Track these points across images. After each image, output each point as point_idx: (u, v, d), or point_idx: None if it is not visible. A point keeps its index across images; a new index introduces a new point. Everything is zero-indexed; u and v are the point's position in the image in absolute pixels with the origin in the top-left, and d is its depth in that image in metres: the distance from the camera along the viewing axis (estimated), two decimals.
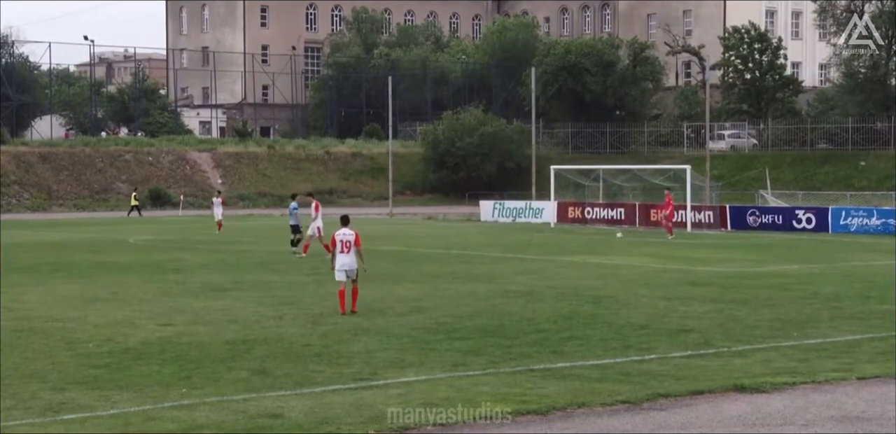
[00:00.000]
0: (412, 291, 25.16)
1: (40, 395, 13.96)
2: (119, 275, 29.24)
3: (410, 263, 33.07)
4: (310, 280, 27.99)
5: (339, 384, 14.54)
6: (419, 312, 21.48)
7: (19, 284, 26.02)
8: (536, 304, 22.70)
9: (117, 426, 12.28)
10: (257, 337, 18.55)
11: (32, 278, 24.06)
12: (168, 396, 13.81)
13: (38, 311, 20.46)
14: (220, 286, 26.72)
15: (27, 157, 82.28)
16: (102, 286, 23.14)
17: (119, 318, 20.80)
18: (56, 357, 16.83)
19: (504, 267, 31.71)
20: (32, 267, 30.47)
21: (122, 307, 22.51)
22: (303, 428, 12.10)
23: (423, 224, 58.12)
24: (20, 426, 12.35)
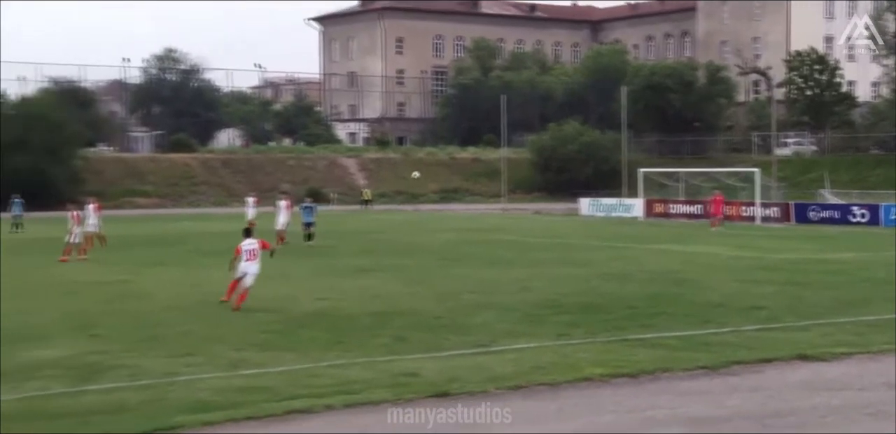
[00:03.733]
0: (523, 274, 25.09)
1: (224, 355, 14.29)
2: (283, 258, 29.69)
3: (521, 250, 33.02)
4: (436, 264, 28.10)
5: (464, 349, 14.60)
6: (529, 291, 21.44)
7: (207, 266, 26.61)
8: (628, 285, 22.53)
9: (285, 380, 12.48)
10: (396, 310, 18.70)
11: (216, 260, 24.54)
12: (325, 357, 14.01)
13: (221, 287, 20.81)
14: (364, 268, 26.96)
15: (211, 162, 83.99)
16: (272, 267, 23.41)
17: (285, 293, 21.16)
18: (235, 324, 17.20)
19: (600, 254, 31.49)
20: (217, 251, 31.15)
21: (287, 284, 22.90)
22: (435, 385, 12.15)
23: (531, 218, 58.01)
24: (210, 379, 12.64)
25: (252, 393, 11.74)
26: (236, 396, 11.57)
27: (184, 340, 15.54)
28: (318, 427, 10.37)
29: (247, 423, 10.49)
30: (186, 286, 22.99)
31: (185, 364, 13.61)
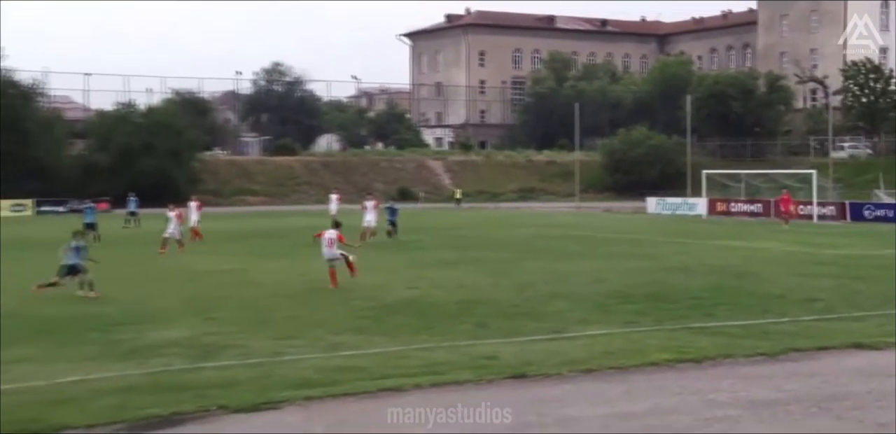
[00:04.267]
0: (594, 266, 24.88)
1: (324, 337, 14.42)
2: (376, 250, 29.85)
3: (592, 245, 32.78)
4: (515, 257, 28.02)
5: (539, 335, 14.53)
6: (600, 282, 21.24)
7: (309, 257, 26.79)
8: (692, 278, 22.21)
9: (378, 361, 12.53)
10: (478, 299, 18.67)
11: (317, 252, 24.62)
12: (414, 341, 14.06)
13: (322, 276, 21.03)
14: (450, 260, 26.94)
15: (312, 164, 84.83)
16: (367, 259, 23.63)
17: (378, 283, 21.24)
18: (334, 310, 17.32)
19: (665, 248, 31.12)
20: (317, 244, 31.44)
21: (381, 275, 22.96)
22: (512, 367, 12.11)
23: (602, 215, 57.55)
24: (311, 359, 12.75)
25: (348, 372, 11.82)
26: (334, 375, 11.66)
27: (289, 324, 15.73)
28: (408, 403, 10.40)
29: (343, 399, 10.57)
30: (291, 275, 23.25)
31: (290, 345, 13.77)
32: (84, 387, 11.16)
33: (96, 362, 12.62)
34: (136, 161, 68.92)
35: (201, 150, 78.19)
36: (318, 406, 10.29)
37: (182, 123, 74.70)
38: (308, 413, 10.00)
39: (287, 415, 9.95)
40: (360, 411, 10.10)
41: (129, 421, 9.63)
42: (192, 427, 9.49)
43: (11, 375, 11.84)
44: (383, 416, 9.83)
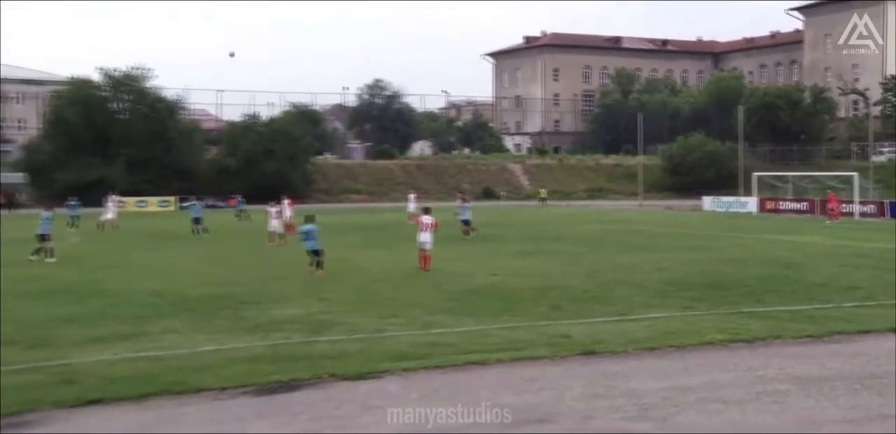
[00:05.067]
0: (655, 257, 24.49)
1: (419, 317, 14.46)
2: (462, 243, 29.89)
3: (654, 239, 32.31)
4: (585, 249, 27.77)
5: (607, 317, 14.38)
6: (661, 272, 20.88)
7: (405, 248, 26.93)
8: (744, 268, 21.72)
9: (465, 338, 12.49)
10: (552, 285, 18.53)
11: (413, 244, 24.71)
12: (496, 321, 14.02)
13: (415, 263, 21.12)
14: (528, 251, 26.79)
15: (408, 167, 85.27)
16: (455, 251, 23.70)
17: (465, 271, 21.24)
18: (428, 294, 17.37)
19: (720, 242, 30.51)
20: (411, 237, 31.49)
21: (467, 263, 22.97)
22: (583, 345, 12.01)
23: (662, 213, 56.71)
24: (408, 336, 12.80)
25: (440, 347, 11.85)
26: (428, 349, 11.70)
27: (389, 305, 15.82)
28: (491, 376, 10.40)
29: (436, 371, 10.60)
30: (391, 263, 23.38)
31: (390, 323, 13.85)
32: (218, 355, 11.41)
33: (228, 335, 12.88)
34: (259, 164, 70.22)
35: (314, 154, 79.21)
36: (414, 376, 10.33)
37: (298, 132, 75.79)
38: (405, 382, 10.05)
39: (387, 383, 10.00)
40: (450, 381, 10.11)
41: (255, 385, 9.81)
42: (307, 392, 9.62)
43: (160, 344, 12.19)
44: (471, 386, 9.85)
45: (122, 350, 11.78)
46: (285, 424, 8.30)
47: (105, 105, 70.40)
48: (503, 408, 8.67)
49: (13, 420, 8.59)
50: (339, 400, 9.24)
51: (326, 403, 9.10)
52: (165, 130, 69.65)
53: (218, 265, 23.55)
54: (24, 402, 9.10)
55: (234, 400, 9.25)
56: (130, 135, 68.30)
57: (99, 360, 11.17)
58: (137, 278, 20.14)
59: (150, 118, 69.47)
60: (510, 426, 8.25)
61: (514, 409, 8.79)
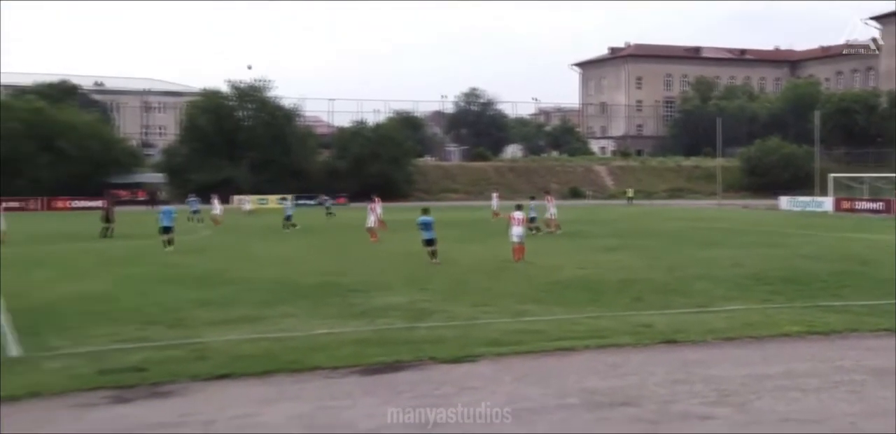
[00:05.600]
0: (734, 253, 23.84)
1: (511, 306, 14.37)
2: (551, 238, 29.65)
3: (732, 236, 31.43)
4: (667, 245, 27.21)
5: (687, 308, 14.04)
6: (739, 266, 20.28)
7: (497, 242, 26.74)
8: (820, 264, 20.92)
9: (554, 326, 12.33)
10: (636, 278, 18.23)
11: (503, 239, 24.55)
12: (583, 310, 13.84)
13: (508, 257, 21.00)
14: (613, 247, 26.42)
15: (501, 168, 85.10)
16: (544, 246, 23.53)
17: (555, 264, 21.07)
18: (520, 284, 17.27)
19: (796, 239, 29.48)
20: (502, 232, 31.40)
21: (557, 257, 22.79)
22: (665, 334, 11.75)
23: (740, 211, 55.15)
24: (499, 323, 12.74)
25: (530, 334, 11.75)
26: (519, 336, 11.61)
27: (483, 295, 15.77)
28: (578, 361, 10.29)
29: (526, 356, 10.53)
30: (484, 256, 23.33)
31: (484, 311, 13.81)
32: (330, 338, 11.59)
33: (338, 320, 13.07)
34: (366, 166, 71.15)
35: (415, 157, 79.83)
36: (507, 361, 10.27)
37: (401, 136, 76.45)
38: (498, 366, 10.01)
39: (482, 367, 9.98)
40: (540, 366, 10.03)
41: (362, 365, 9.93)
42: (409, 373, 9.69)
43: (279, 327, 12.47)
44: (560, 370, 9.75)
45: (248, 331, 12.09)
46: (389, 401, 8.37)
47: (232, 113, 72.46)
48: (590, 391, 8.57)
49: (159, 389, 8.91)
50: (438, 381, 9.27)
51: (426, 384, 9.14)
52: (283, 135, 71.29)
53: (327, 257, 23.94)
54: (166, 373, 9.44)
55: (345, 378, 9.38)
56: (253, 139, 70.14)
57: (228, 339, 11.49)
58: (259, 268, 20.65)
59: (271, 124, 71.21)
60: (597, 407, 8.14)
61: (599, 392, 8.68)
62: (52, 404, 8.32)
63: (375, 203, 33.47)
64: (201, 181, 63.43)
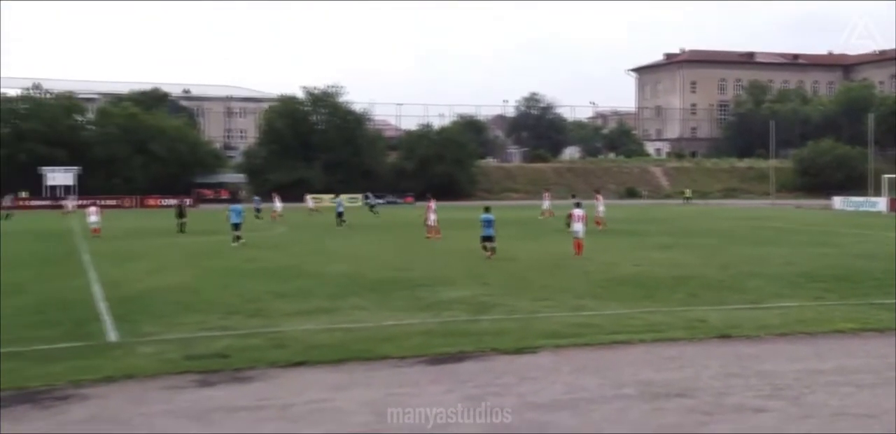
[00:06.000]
0: (786, 251, 23.17)
1: (569, 301, 14.25)
2: (606, 236, 29.30)
3: (785, 234, 30.61)
4: (720, 243, 26.61)
5: (741, 305, 13.73)
6: (791, 265, 19.69)
7: (555, 240, 26.62)
8: (873, 262, 20.18)
9: (610, 320, 12.25)
10: (689, 275, 17.86)
11: (561, 237, 24.38)
12: (638, 306, 13.64)
13: (567, 252, 20.82)
14: (667, 245, 25.97)
15: (560, 169, 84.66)
16: (598, 242, 23.23)
17: (610, 260, 20.81)
18: (577, 280, 17.10)
19: (849, 238, 28.55)
20: (559, 230, 31.31)
21: (612, 254, 22.50)
22: (719, 329, 11.50)
23: (793, 211, 53.67)
24: (558, 316, 12.64)
25: (587, 328, 11.65)
26: (577, 329, 11.52)
27: (542, 290, 15.67)
28: (634, 354, 10.15)
29: (584, 348, 10.44)
30: (543, 253, 23.17)
31: (543, 305, 13.73)
32: (398, 329, 11.65)
33: (405, 312, 13.14)
34: (431, 167, 71.45)
35: (478, 158, 79.87)
36: (565, 352, 10.20)
37: (464, 139, 76.59)
38: (557, 357, 9.95)
39: (541, 358, 9.93)
40: (597, 358, 9.93)
41: (428, 355, 9.96)
42: (472, 363, 9.68)
43: (351, 318, 12.59)
44: (616, 362, 9.63)
45: (322, 322, 12.24)
46: (453, 390, 8.38)
47: (307, 117, 73.52)
48: (646, 383, 8.45)
49: (241, 374, 9.08)
50: (499, 371, 9.25)
51: (488, 373, 9.13)
52: (354, 138, 72.07)
53: (393, 252, 24.05)
54: (247, 360, 9.62)
55: (412, 367, 9.42)
56: (326, 142, 71.07)
57: (303, 329, 11.66)
58: (330, 262, 20.89)
59: (342, 128, 72.06)
60: (653, 398, 8.02)
61: (655, 384, 8.55)
62: (145, 386, 8.56)
63: (432, 202, 33.58)
64: (278, 181, 64.55)
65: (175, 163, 66.70)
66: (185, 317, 12.58)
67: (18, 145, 62.03)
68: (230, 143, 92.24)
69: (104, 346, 10.49)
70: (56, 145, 63.00)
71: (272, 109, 75.55)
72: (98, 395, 8.16)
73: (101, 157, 64.38)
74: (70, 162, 62.95)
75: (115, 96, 77.50)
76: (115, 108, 69.84)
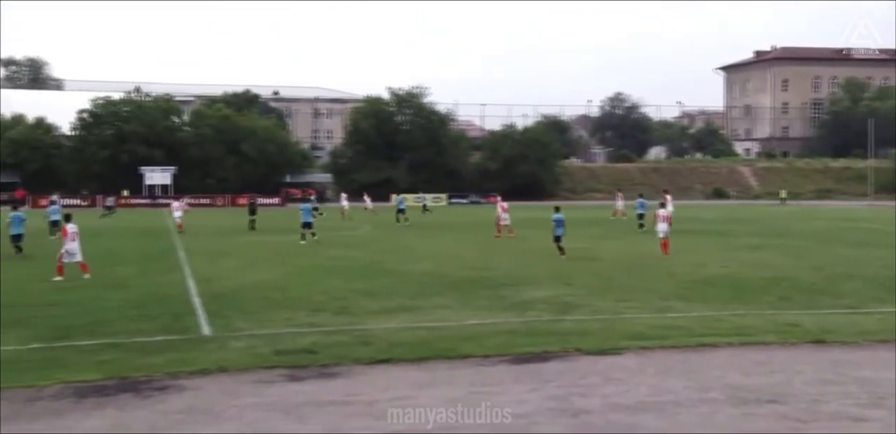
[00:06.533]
0: (884, 254, 21.91)
1: (653, 302, 13.98)
2: (692, 236, 28.57)
3: (882, 236, 29.17)
4: (813, 244, 25.62)
5: (837, 309, 13.20)
6: (889, 268, 18.56)
7: (638, 240, 26.13)
8: None
9: (697, 322, 11.92)
10: (780, 276, 17.31)
11: (646, 236, 23.91)
12: (726, 308, 13.29)
13: (653, 253, 20.43)
14: (757, 245, 25.22)
15: (645, 169, 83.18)
16: (684, 242, 22.69)
17: (696, 261, 20.33)
18: (662, 281, 16.80)
19: None
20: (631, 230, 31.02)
21: (698, 255, 21.95)
22: (813, 333, 11.10)
23: (892, 212, 51.09)
24: (643, 318, 12.42)
25: (673, 330, 11.41)
26: (662, 331, 11.30)
27: (626, 290, 15.44)
28: (721, 357, 9.87)
29: (670, 350, 10.22)
30: (627, 253, 22.82)
31: (627, 306, 13.52)
32: (481, 328, 11.64)
33: (488, 311, 13.12)
34: (515, 167, 71.22)
35: (561, 158, 79.26)
36: (650, 354, 10.02)
37: (548, 139, 76.09)
38: (642, 359, 9.78)
39: (626, 359, 9.77)
40: (683, 360, 9.71)
41: (511, 355, 9.93)
42: (556, 363, 9.61)
43: (434, 317, 12.66)
44: (703, 365, 9.39)
45: (405, 320, 12.35)
46: (537, 389, 8.33)
47: (392, 118, 74.31)
48: (734, 387, 8.20)
49: (327, 370, 9.25)
50: (583, 371, 9.15)
51: (573, 373, 9.04)
52: (438, 138, 72.46)
53: (473, 251, 23.95)
54: (333, 356, 9.80)
55: (495, 366, 9.41)
56: (411, 142, 71.67)
57: (387, 327, 11.79)
58: (413, 261, 21.04)
59: (426, 128, 72.53)
60: (742, 403, 7.78)
61: (744, 388, 8.29)
62: (237, 379, 8.82)
63: (502, 201, 33.51)
64: (363, 181, 65.51)
65: (265, 163, 68.45)
66: (273, 313, 12.89)
67: (120, 146, 64.78)
68: (317, 144, 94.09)
69: (199, 340, 10.85)
70: (154, 146, 65.54)
71: (358, 110, 76.69)
72: (194, 387, 8.45)
73: (196, 158, 66.63)
74: (167, 162, 65.38)
75: (209, 98, 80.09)
76: (209, 109, 72.16)
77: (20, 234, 22.38)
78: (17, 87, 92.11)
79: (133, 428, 7.17)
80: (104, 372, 8.95)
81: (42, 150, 64.08)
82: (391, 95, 75.05)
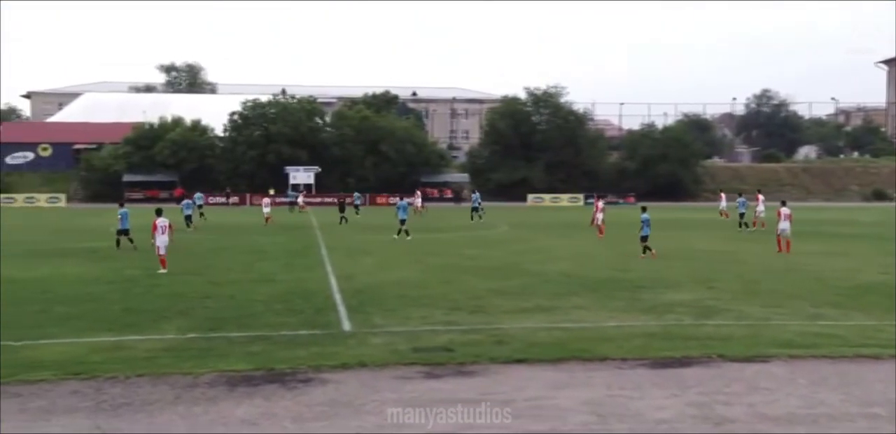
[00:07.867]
0: None
1: (804, 309, 13.28)
2: (844, 240, 26.78)
3: None
4: None
5: None
6: None
7: None
8: None
9: (854, 331, 11.15)
10: (870, 282, 15.92)
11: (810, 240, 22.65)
12: (887, 317, 12.33)
13: (796, 256, 19.37)
14: None
15: (794, 169, 79.30)
16: (831, 246, 21.32)
17: (849, 267, 19.22)
18: (812, 287, 15.95)
19: None
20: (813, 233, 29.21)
21: (850, 260, 20.75)
22: (849, 341, 10.45)
23: None
24: (792, 325, 11.80)
25: (827, 338, 10.80)
26: (814, 339, 10.72)
27: (773, 296, 14.75)
28: (883, 370, 9.21)
29: (823, 360, 9.65)
30: (773, 257, 21.72)
31: (775, 312, 12.92)
32: (618, 330, 11.43)
33: (626, 313, 12.87)
34: (654, 167, 69.46)
35: (703, 158, 76.68)
36: (801, 363, 9.50)
37: (689, 138, 73.74)
38: (792, 368, 9.28)
39: (773, 367, 9.32)
40: (839, 372, 9.14)
41: (650, 358, 9.68)
42: (697, 368, 9.28)
43: (571, 317, 12.54)
44: (861, 378, 8.81)
45: (541, 320, 12.29)
46: (678, 395, 8.08)
47: (529, 118, 74.15)
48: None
49: (464, 368, 9.33)
50: (727, 378, 8.79)
51: (716, 380, 8.71)
52: (575, 138, 71.67)
53: (611, 252, 23.44)
54: (470, 355, 9.87)
55: (633, 370, 9.20)
56: (547, 142, 71.27)
57: (523, 327, 11.76)
58: (550, 260, 20.90)
59: (563, 128, 71.88)
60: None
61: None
62: (376, 374, 9.04)
63: (600, 201, 32.73)
64: (500, 180, 65.76)
65: (403, 162, 69.92)
66: (411, 311, 13.14)
67: (267, 146, 68.00)
68: (454, 144, 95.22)
69: (340, 335, 11.22)
70: (298, 146, 68.35)
71: (495, 110, 77.00)
72: (335, 381, 8.74)
73: (337, 158, 68.96)
74: (310, 162, 68.03)
75: (350, 100, 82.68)
76: (350, 110, 74.49)
77: (127, 229, 23.98)
78: (176, 92, 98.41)
79: (280, 418, 7.49)
80: (253, 363, 9.42)
81: (198, 151, 68.16)
82: (528, 95, 74.91)
